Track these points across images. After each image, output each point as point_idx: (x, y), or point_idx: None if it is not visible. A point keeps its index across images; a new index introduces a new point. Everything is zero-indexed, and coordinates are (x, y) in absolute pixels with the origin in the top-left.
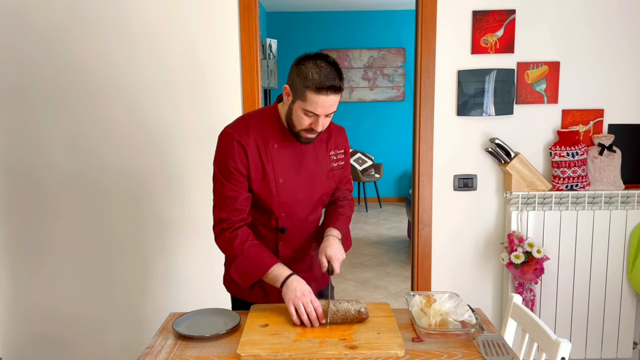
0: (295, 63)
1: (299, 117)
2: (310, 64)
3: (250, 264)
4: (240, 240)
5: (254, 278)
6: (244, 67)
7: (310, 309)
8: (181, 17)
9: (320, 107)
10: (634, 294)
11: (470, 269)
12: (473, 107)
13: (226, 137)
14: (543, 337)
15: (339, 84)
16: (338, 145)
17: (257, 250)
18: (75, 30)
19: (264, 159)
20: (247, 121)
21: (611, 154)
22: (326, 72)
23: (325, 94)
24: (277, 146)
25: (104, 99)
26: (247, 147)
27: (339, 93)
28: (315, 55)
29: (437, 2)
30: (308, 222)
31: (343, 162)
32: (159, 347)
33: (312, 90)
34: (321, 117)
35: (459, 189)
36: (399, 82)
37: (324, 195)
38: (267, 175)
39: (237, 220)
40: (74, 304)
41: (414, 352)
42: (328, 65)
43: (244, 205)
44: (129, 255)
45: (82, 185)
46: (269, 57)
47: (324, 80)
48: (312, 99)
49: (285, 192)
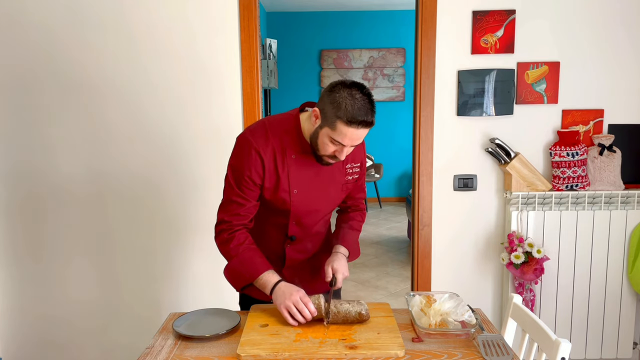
0: (329, 88)
1: (324, 143)
2: (345, 93)
3: (242, 268)
4: (236, 243)
5: (244, 281)
6: (244, 67)
7: (301, 306)
8: (181, 17)
9: (348, 139)
10: (634, 294)
11: (470, 269)
12: (473, 107)
13: (245, 143)
14: (543, 337)
15: (371, 119)
16: (355, 158)
17: (250, 254)
18: (75, 31)
19: (279, 169)
20: (267, 128)
21: (611, 154)
22: (360, 105)
23: (355, 127)
24: (295, 157)
25: (103, 100)
26: (264, 156)
27: (370, 127)
28: (352, 84)
29: (437, 2)
30: (317, 231)
31: (358, 176)
32: (159, 347)
33: (344, 121)
34: (346, 147)
35: (459, 189)
36: (399, 82)
37: (335, 207)
38: (282, 185)
39: (237, 224)
40: (74, 304)
41: (414, 352)
42: (363, 96)
43: (249, 212)
44: (129, 255)
45: (81, 186)
46: (269, 57)
47: (357, 114)
48: (341, 130)
49: (299, 202)
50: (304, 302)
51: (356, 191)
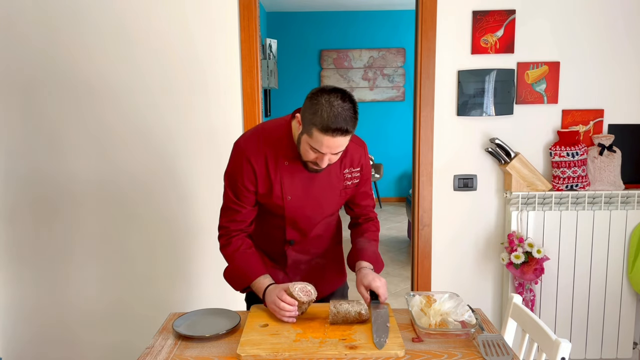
0: (310, 95)
1: (305, 150)
2: (323, 100)
3: (237, 273)
4: (232, 249)
5: (241, 285)
6: (244, 67)
7: (281, 305)
8: (181, 17)
9: (325, 147)
10: (634, 294)
11: (470, 269)
12: (473, 107)
13: (238, 151)
14: (543, 337)
15: (346, 127)
16: (354, 162)
17: (244, 261)
18: (74, 32)
19: (272, 175)
20: (260, 134)
21: (611, 154)
22: (337, 112)
23: (331, 135)
24: (288, 163)
25: (102, 101)
26: (255, 164)
27: (348, 135)
28: (332, 90)
29: (437, 2)
30: (318, 234)
31: (358, 180)
32: (159, 347)
33: (319, 129)
34: (327, 155)
35: (459, 189)
36: (399, 82)
37: (335, 211)
38: (275, 192)
39: (234, 229)
40: (74, 304)
41: (414, 352)
42: (343, 103)
43: (246, 218)
44: (129, 255)
45: (81, 186)
46: (269, 57)
47: (332, 122)
48: (317, 138)
49: (293, 208)
50: (282, 300)
51: (361, 198)
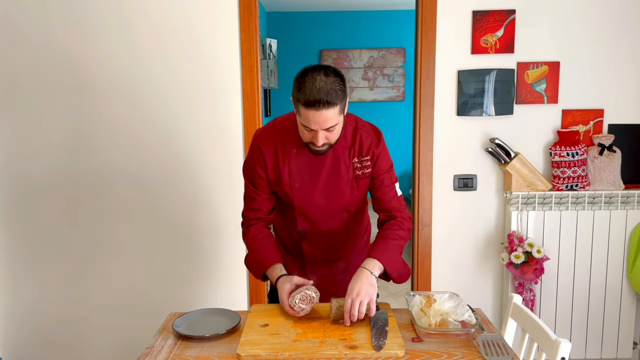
0: (297, 75)
1: (301, 130)
2: (308, 76)
3: (254, 260)
4: (250, 237)
5: (258, 272)
6: (244, 67)
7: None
8: (181, 17)
9: (313, 123)
10: (634, 294)
11: (470, 269)
12: (473, 107)
13: (253, 141)
14: (543, 337)
15: (327, 99)
16: (363, 151)
17: (260, 248)
18: (76, 29)
19: (280, 162)
20: (273, 125)
21: (611, 154)
22: (318, 86)
23: (314, 109)
24: (296, 151)
25: (102, 101)
26: (265, 152)
27: (332, 107)
28: (317, 67)
29: (437, 2)
30: (330, 229)
31: (369, 170)
32: (159, 347)
33: (302, 104)
34: (320, 132)
35: (459, 189)
36: (399, 82)
37: (348, 204)
38: (284, 178)
39: (253, 217)
40: (74, 304)
41: (414, 352)
42: (326, 78)
43: (262, 206)
44: (129, 255)
45: (81, 185)
46: (269, 57)
47: (313, 94)
48: (304, 114)
49: (301, 195)
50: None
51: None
